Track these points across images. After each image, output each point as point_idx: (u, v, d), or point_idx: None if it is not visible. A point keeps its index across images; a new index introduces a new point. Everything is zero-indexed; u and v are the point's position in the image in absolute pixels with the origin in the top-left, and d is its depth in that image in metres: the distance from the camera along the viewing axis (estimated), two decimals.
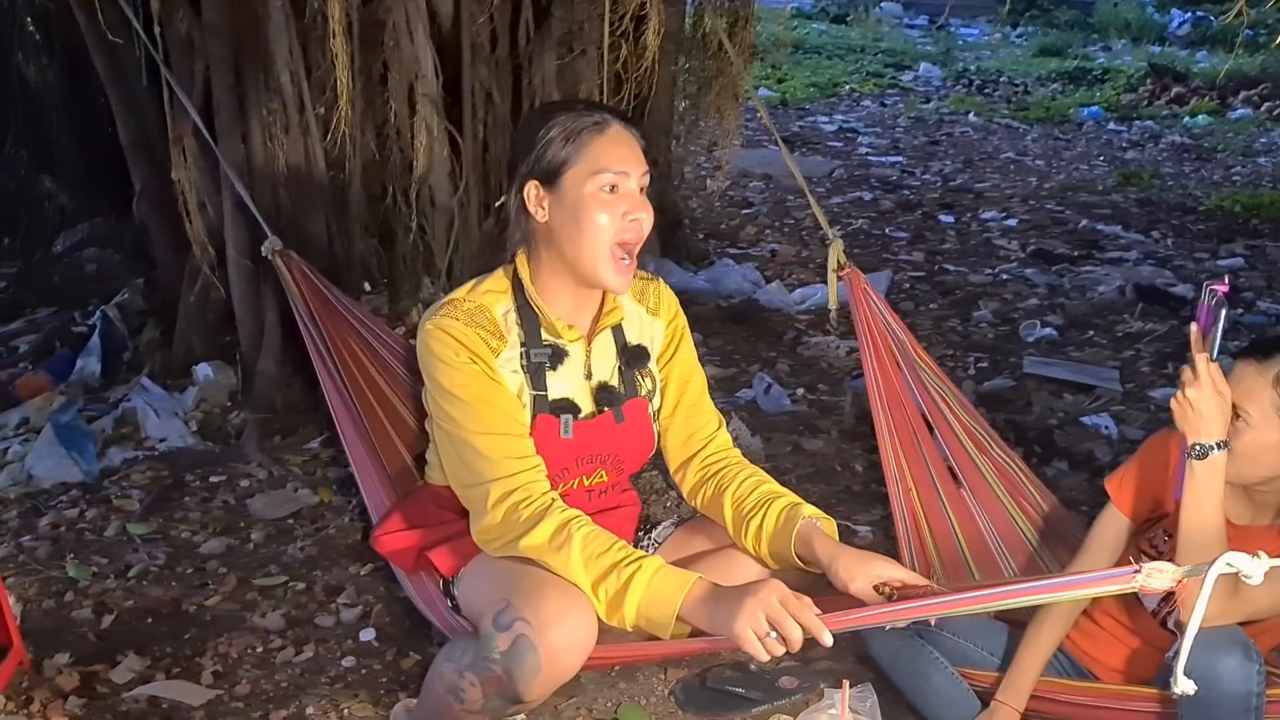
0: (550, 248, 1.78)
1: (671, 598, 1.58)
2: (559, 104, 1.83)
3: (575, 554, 1.63)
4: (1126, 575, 1.26)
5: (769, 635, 1.51)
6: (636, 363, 1.89)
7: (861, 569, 1.66)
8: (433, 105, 3.77)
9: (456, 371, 1.74)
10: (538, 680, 1.61)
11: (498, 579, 1.71)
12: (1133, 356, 4.04)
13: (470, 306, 1.79)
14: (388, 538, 1.99)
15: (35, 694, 2.25)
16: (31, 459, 3.20)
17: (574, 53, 3.75)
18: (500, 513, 1.69)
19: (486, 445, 1.72)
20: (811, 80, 10.88)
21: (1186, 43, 13.20)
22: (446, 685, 1.70)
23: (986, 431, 2.43)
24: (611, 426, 1.86)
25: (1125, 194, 6.68)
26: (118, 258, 4.39)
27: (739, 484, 1.87)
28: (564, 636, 1.59)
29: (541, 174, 1.75)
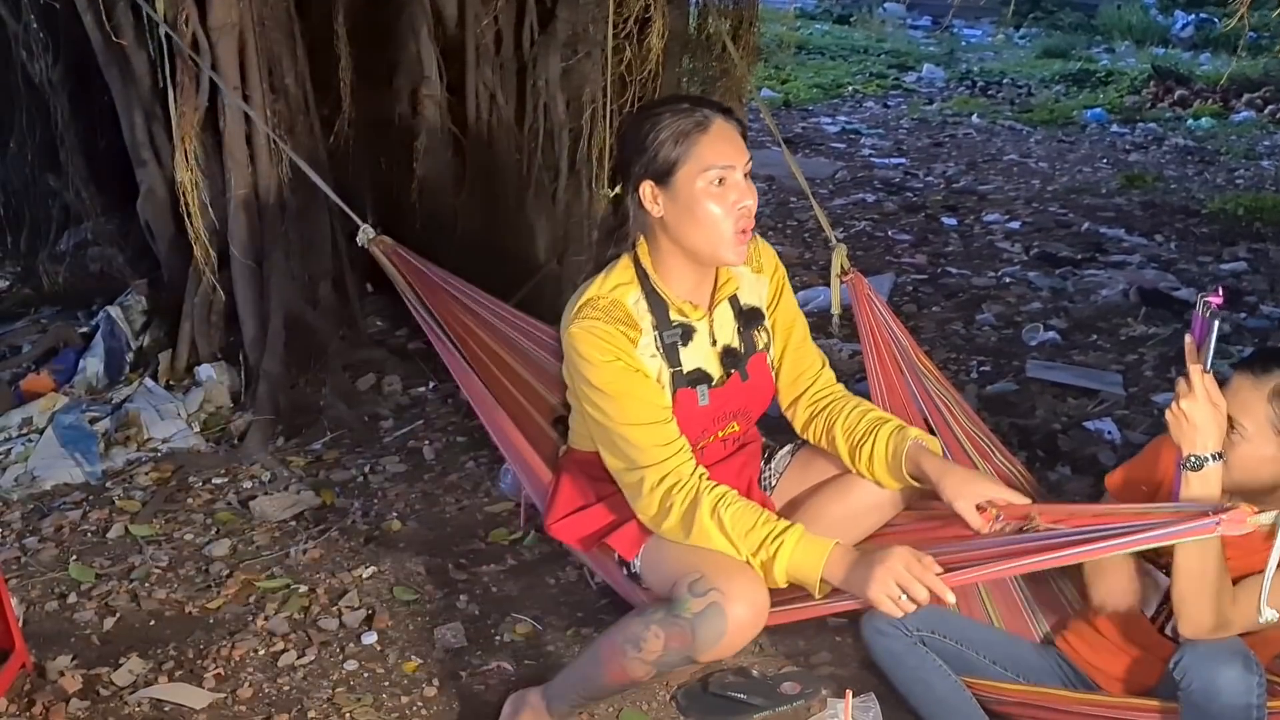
0: (669, 237, 1.94)
1: (813, 566, 1.78)
2: (664, 104, 1.98)
3: (731, 534, 1.83)
4: (1208, 526, 1.52)
5: (900, 597, 1.71)
6: (753, 322, 2.08)
7: (968, 488, 1.88)
8: (436, 106, 3.78)
9: (603, 370, 1.90)
10: (718, 645, 1.79)
11: (688, 553, 1.87)
12: (1136, 360, 4.04)
13: (606, 303, 1.94)
14: (559, 525, 2.12)
15: (38, 696, 2.26)
16: (35, 460, 3.20)
17: (578, 55, 3.75)
18: (656, 497, 1.88)
19: (636, 435, 1.90)
20: (815, 81, 10.86)
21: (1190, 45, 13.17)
22: (628, 635, 1.86)
23: (988, 437, 2.43)
24: (739, 386, 2.05)
25: (1129, 197, 6.67)
26: (122, 258, 4.38)
27: (847, 415, 2.07)
28: (747, 612, 1.78)
29: (655, 174, 1.90)
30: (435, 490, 3.12)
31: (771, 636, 2.41)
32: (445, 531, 2.92)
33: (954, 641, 2.02)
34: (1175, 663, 1.74)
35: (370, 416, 3.52)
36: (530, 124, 3.83)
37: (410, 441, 3.38)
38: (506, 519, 2.95)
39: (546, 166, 3.87)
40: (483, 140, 3.88)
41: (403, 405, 3.60)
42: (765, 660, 2.38)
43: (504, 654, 2.42)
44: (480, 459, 3.26)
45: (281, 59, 3.49)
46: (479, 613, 2.57)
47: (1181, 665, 1.72)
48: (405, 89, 3.87)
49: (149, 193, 3.80)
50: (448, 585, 2.67)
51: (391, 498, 3.08)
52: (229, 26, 3.33)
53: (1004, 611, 2.18)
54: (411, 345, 3.91)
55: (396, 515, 2.98)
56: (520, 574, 2.71)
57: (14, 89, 4.59)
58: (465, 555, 2.80)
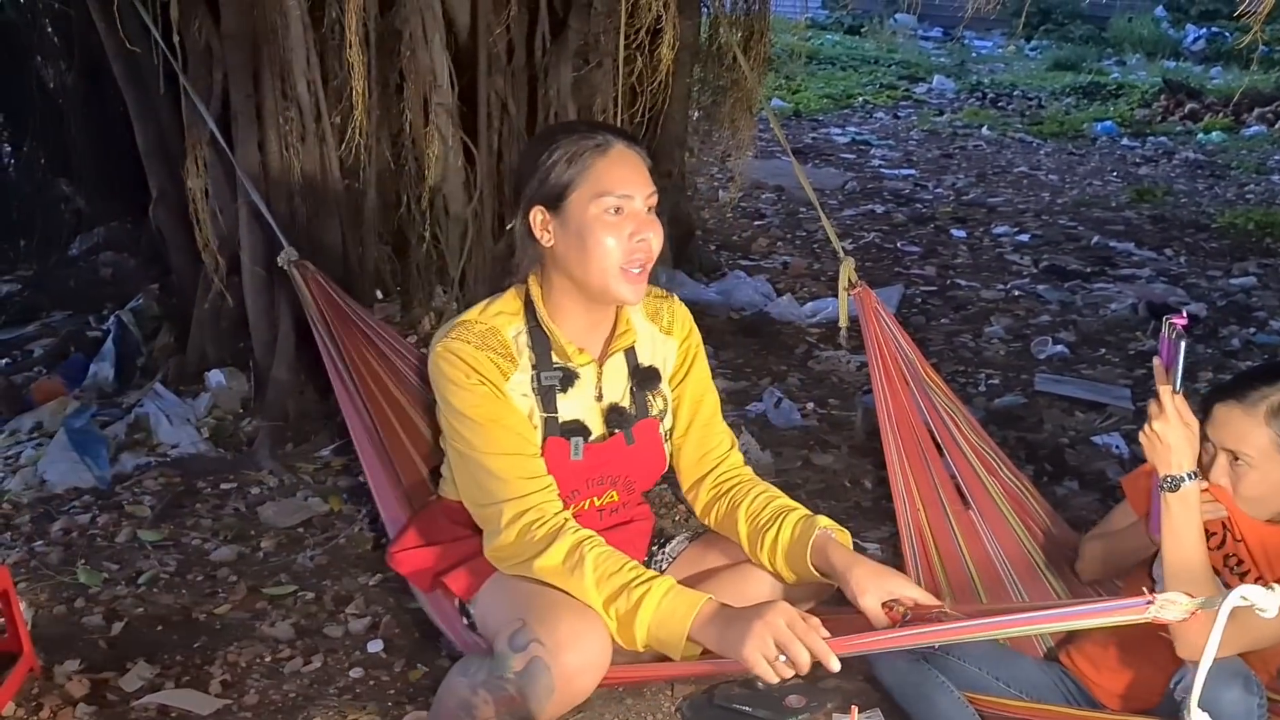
0: (560, 270, 1.79)
1: (682, 618, 1.61)
2: (562, 126, 1.87)
3: (588, 575, 1.65)
4: (1139, 606, 1.28)
5: (778, 659, 1.53)
6: (648, 384, 1.91)
7: (875, 583, 1.69)
8: (448, 115, 3.79)
9: (468, 393, 1.76)
10: (551, 701, 1.63)
11: (514, 599, 1.73)
12: (1145, 375, 4.03)
13: (482, 329, 1.80)
14: (403, 555, 2.01)
15: (45, 700, 2.26)
16: (44, 464, 3.21)
17: (590, 64, 3.76)
18: (514, 532, 1.72)
19: (499, 465, 1.75)
20: (825, 91, 10.89)
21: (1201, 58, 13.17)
22: (459, 701, 1.72)
23: (995, 453, 2.43)
24: (622, 448, 1.87)
25: (1138, 210, 6.67)
26: (133, 263, 4.41)
27: (752, 499, 1.90)
28: (578, 659, 1.62)
29: (545, 198, 1.76)
30: None
31: None
32: None
33: (957, 657, 2.02)
34: (1176, 683, 1.74)
35: None
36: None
37: None
38: None
39: None
40: (493, 149, 3.89)
41: None
42: None
43: None
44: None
45: (293, 66, 3.50)
46: None
47: (1182, 686, 1.72)
48: (417, 98, 3.88)
49: (160, 199, 3.82)
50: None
51: None
52: (241, 35, 3.34)
53: None
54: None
55: None
56: None
57: (28, 94, 4.63)
58: None
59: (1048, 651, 2.15)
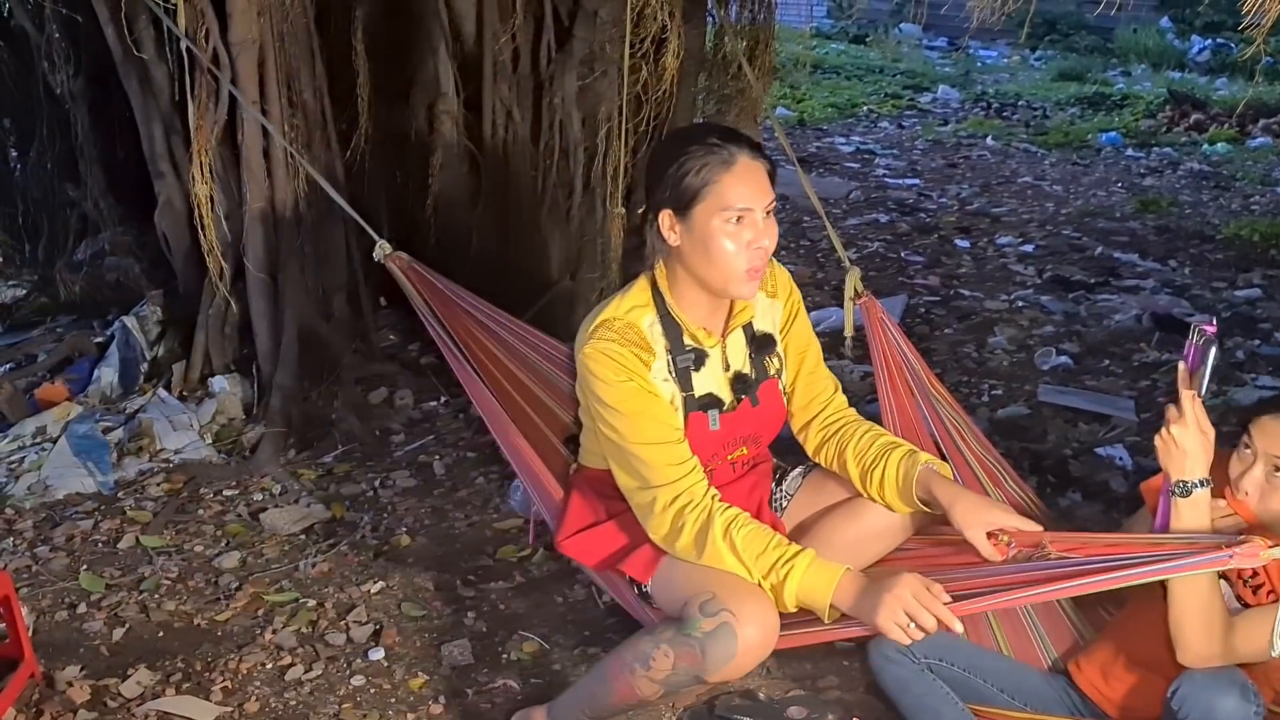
0: (685, 266, 1.95)
1: (823, 591, 1.79)
2: (693, 133, 2.01)
3: (744, 555, 1.84)
4: (1222, 558, 1.56)
5: (909, 625, 1.71)
6: (765, 349, 2.09)
7: (979, 515, 1.89)
8: (453, 122, 3.80)
9: (616, 389, 1.92)
10: (728, 666, 1.79)
11: (700, 573, 1.87)
12: (1149, 386, 4.02)
13: (621, 325, 1.95)
14: (569, 542, 2.13)
15: (46, 706, 2.27)
16: (48, 469, 3.22)
17: (595, 73, 3.77)
18: (669, 517, 1.89)
19: (649, 454, 1.91)
20: (830, 100, 10.88)
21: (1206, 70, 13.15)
22: (637, 654, 1.87)
23: (1000, 463, 2.42)
24: (750, 411, 2.06)
25: (1143, 221, 6.66)
26: (138, 268, 4.41)
27: (859, 440, 2.08)
28: (758, 634, 1.79)
29: (674, 204, 1.91)
30: (445, 506, 3.12)
31: (779, 660, 2.40)
32: (454, 547, 2.92)
33: (961, 669, 2.02)
34: (1173, 692, 1.74)
35: (381, 430, 3.53)
36: (546, 141, 3.85)
37: (421, 456, 3.39)
38: (515, 536, 2.95)
39: (561, 184, 3.89)
40: (498, 157, 3.90)
41: (414, 420, 3.61)
42: (772, 684, 2.37)
43: (510, 672, 2.42)
44: (490, 475, 3.26)
45: (300, 74, 3.51)
46: (486, 630, 2.57)
47: (1179, 695, 1.73)
48: (422, 105, 3.89)
49: (166, 204, 3.82)
50: (456, 602, 2.67)
51: (401, 512, 3.09)
52: (249, 41, 3.35)
53: (1013, 639, 2.17)
54: (424, 360, 3.93)
55: (406, 530, 2.99)
56: (528, 592, 2.71)
57: (35, 99, 4.64)
58: (474, 572, 2.80)
59: (1053, 664, 2.15)
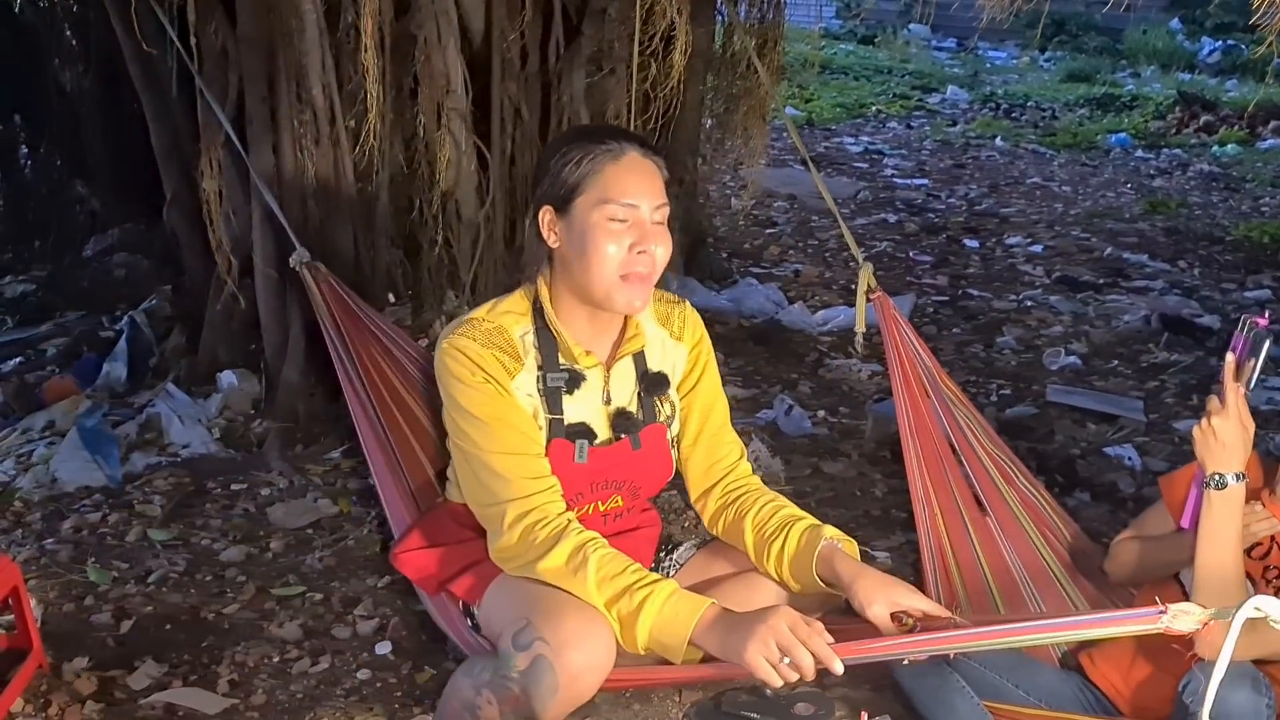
0: (565, 272, 1.79)
1: (684, 622, 1.60)
2: (582, 129, 1.87)
3: (591, 576, 1.65)
4: (1151, 616, 1.27)
5: (781, 661, 1.53)
6: (656, 389, 1.90)
7: (881, 594, 1.67)
8: (461, 120, 3.80)
9: (473, 391, 1.76)
10: (555, 701, 1.62)
11: (518, 599, 1.72)
12: (1157, 387, 4.01)
13: (489, 327, 1.80)
14: (408, 555, 2.01)
15: (53, 698, 2.27)
16: (56, 462, 3.23)
17: (603, 71, 3.77)
18: (517, 533, 1.72)
19: (503, 465, 1.75)
20: (838, 101, 10.88)
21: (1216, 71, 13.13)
22: (463, 702, 1.70)
23: (1012, 461, 2.42)
24: (628, 453, 1.87)
25: (1152, 222, 6.64)
26: (147, 264, 4.43)
27: (759, 509, 1.89)
28: (582, 658, 1.61)
29: (554, 199, 1.76)
30: None
31: None
32: None
33: (977, 663, 2.01)
34: (1184, 685, 1.73)
35: None
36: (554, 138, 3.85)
37: None
38: None
39: None
40: (506, 154, 3.90)
41: None
42: None
43: None
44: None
45: (309, 70, 3.52)
46: None
47: (1190, 688, 1.72)
48: (431, 102, 3.89)
49: (175, 200, 3.83)
50: None
51: None
52: (257, 38, 3.36)
53: None
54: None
55: None
56: None
57: (45, 96, 4.66)
58: None
59: (1062, 658, 2.14)
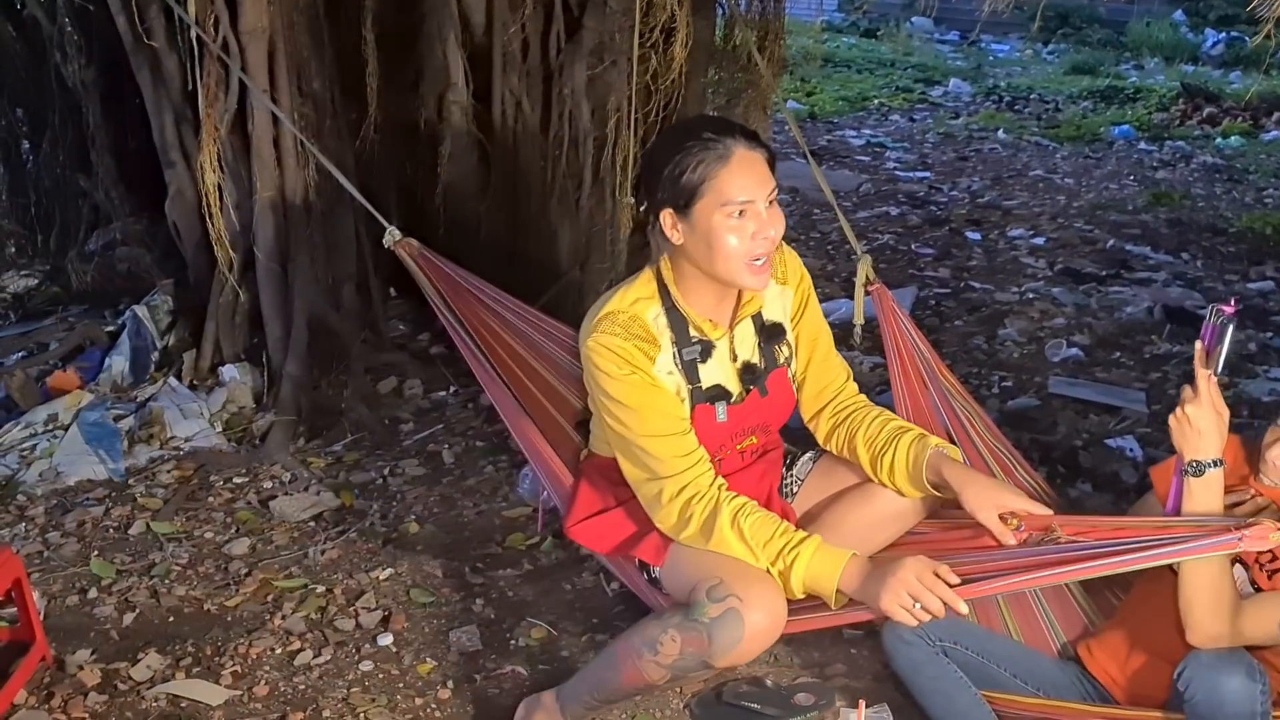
0: (690, 261, 1.93)
1: (829, 576, 1.80)
2: (684, 128, 1.98)
3: (752, 543, 1.84)
4: (1230, 542, 1.56)
5: (914, 606, 1.72)
6: (775, 338, 2.07)
7: (989, 497, 1.89)
8: (463, 112, 3.80)
9: (621, 383, 1.90)
10: (734, 651, 1.79)
11: (708, 560, 1.87)
12: (1160, 379, 4.01)
13: (625, 318, 1.93)
14: (580, 528, 2.13)
15: (57, 689, 2.28)
16: (59, 456, 3.24)
17: (604, 63, 3.76)
18: (675, 508, 1.89)
19: (655, 446, 1.90)
20: (840, 94, 10.85)
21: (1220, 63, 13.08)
22: (645, 638, 1.87)
23: (1012, 453, 2.41)
24: (758, 402, 2.04)
25: (1155, 214, 6.63)
26: (149, 258, 4.42)
27: (869, 425, 2.07)
28: (765, 619, 1.79)
29: (674, 204, 1.88)
30: (454, 494, 3.13)
31: (787, 647, 2.41)
32: (463, 535, 2.93)
33: (975, 653, 2.01)
34: (1179, 673, 1.74)
35: (391, 419, 3.54)
36: (555, 131, 3.84)
37: (430, 445, 3.39)
38: (524, 524, 2.95)
39: (570, 174, 3.89)
40: (508, 147, 3.90)
41: (423, 409, 3.62)
42: (780, 670, 2.38)
43: (519, 658, 2.42)
44: (499, 464, 3.27)
45: (310, 63, 3.52)
46: (495, 616, 2.57)
47: (1185, 676, 1.73)
48: (432, 95, 3.89)
49: (177, 194, 3.83)
50: (464, 588, 2.68)
51: (410, 500, 3.10)
52: (259, 30, 3.36)
53: (1023, 625, 2.17)
54: (433, 349, 3.93)
55: (415, 518, 3.00)
56: (536, 579, 2.72)
57: (47, 90, 4.65)
58: (482, 559, 2.81)
59: (1062, 649, 2.14)
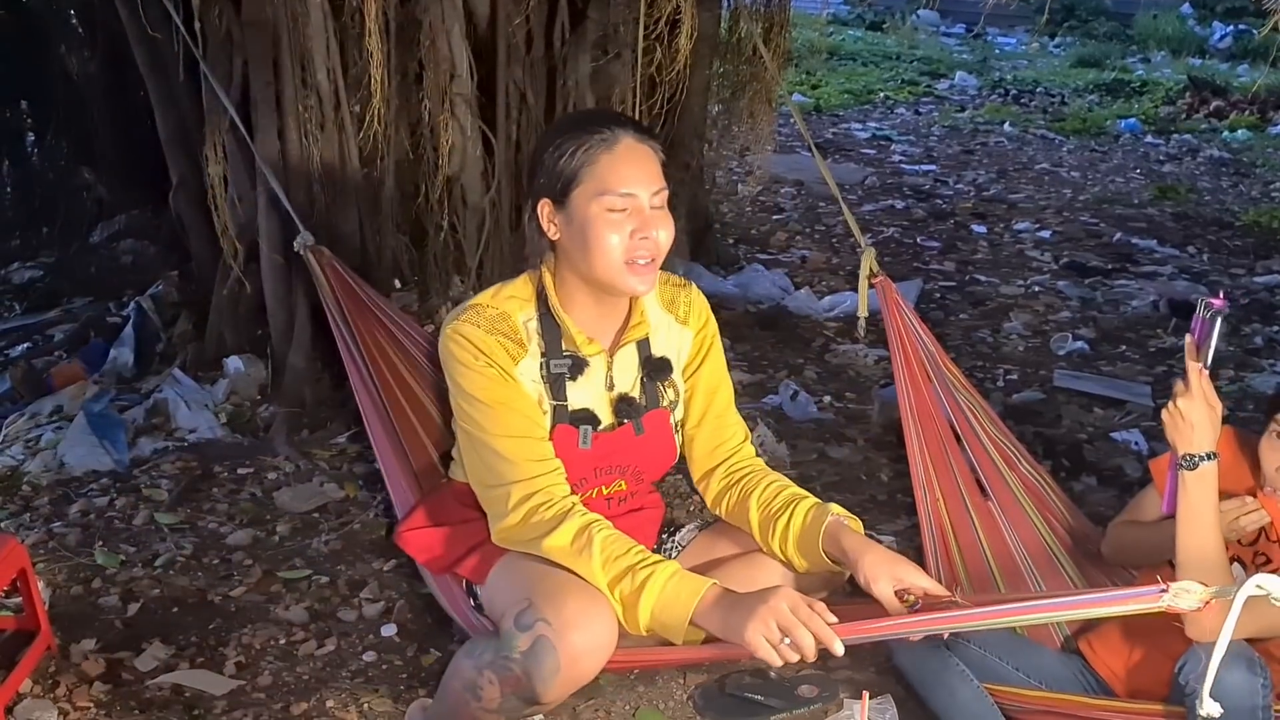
0: (569, 261, 1.78)
1: (685, 603, 1.60)
2: (574, 117, 1.85)
3: (595, 556, 1.65)
4: (1152, 595, 1.25)
5: (781, 642, 1.52)
6: (659, 374, 1.90)
7: (886, 570, 1.67)
8: (467, 105, 3.79)
9: (477, 375, 1.76)
10: (556, 681, 1.61)
11: (521, 579, 1.72)
12: (1165, 372, 4.00)
13: (493, 313, 1.80)
14: (411, 534, 2.01)
15: (62, 679, 2.28)
16: (64, 447, 3.24)
17: (609, 55, 3.76)
18: (520, 514, 1.72)
19: (507, 448, 1.74)
20: (846, 87, 10.83)
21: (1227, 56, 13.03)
22: (465, 683, 1.71)
23: (1015, 446, 2.41)
24: (631, 438, 1.87)
25: (1161, 208, 6.62)
26: (154, 250, 4.43)
27: (764, 488, 1.88)
28: (584, 639, 1.60)
29: (551, 192, 1.74)
30: None
31: None
32: None
33: (978, 646, 2.01)
34: (1180, 667, 1.73)
35: None
36: None
37: None
38: None
39: None
40: (511, 139, 3.89)
41: None
42: None
43: None
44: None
45: (314, 55, 3.51)
46: None
47: (1186, 670, 1.73)
48: (436, 87, 3.88)
49: (181, 186, 3.84)
50: None
51: None
52: (262, 22, 3.35)
53: None
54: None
55: None
56: None
57: (51, 82, 4.66)
58: None
59: (1064, 641, 2.14)
